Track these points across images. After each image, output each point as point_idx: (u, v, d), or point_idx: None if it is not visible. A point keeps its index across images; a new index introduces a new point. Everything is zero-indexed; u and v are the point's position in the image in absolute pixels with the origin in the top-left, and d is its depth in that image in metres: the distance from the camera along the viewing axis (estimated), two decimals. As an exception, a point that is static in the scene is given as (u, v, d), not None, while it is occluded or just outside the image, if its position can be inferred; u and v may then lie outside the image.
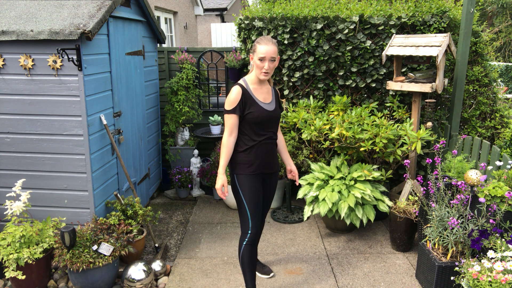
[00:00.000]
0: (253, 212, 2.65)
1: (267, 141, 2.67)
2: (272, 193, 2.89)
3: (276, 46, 2.54)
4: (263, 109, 2.59)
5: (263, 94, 2.65)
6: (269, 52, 2.49)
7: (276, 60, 2.55)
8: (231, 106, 2.54)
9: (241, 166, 2.65)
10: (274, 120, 2.68)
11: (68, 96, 2.99)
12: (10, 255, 2.78)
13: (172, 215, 4.32)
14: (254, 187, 2.67)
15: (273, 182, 2.86)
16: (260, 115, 2.57)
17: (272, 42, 2.52)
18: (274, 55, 2.52)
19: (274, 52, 2.51)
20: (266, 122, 2.61)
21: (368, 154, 4.00)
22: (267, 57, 2.50)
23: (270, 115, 2.63)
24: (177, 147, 4.83)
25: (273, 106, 2.68)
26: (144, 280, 2.95)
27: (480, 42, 4.58)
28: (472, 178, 2.85)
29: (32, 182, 3.14)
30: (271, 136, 2.69)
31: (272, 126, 2.68)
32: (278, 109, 2.72)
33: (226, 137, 2.57)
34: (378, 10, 4.10)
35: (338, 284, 3.08)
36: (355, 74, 4.26)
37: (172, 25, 10.54)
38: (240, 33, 4.42)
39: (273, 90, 2.77)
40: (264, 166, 2.69)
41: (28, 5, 3.21)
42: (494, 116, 4.68)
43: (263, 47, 2.49)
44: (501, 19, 15.58)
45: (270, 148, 2.71)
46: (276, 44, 2.54)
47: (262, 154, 2.66)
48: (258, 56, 2.50)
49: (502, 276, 2.27)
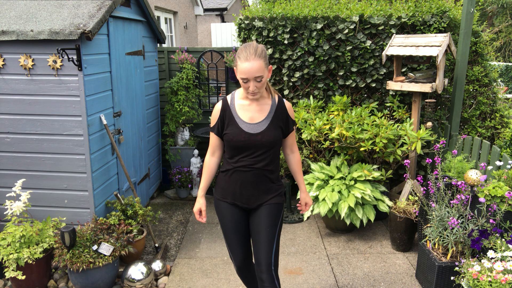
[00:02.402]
0: (230, 244, 2.27)
1: (244, 169, 2.14)
2: (263, 227, 2.19)
3: (262, 59, 1.97)
4: (242, 131, 2.09)
5: (252, 111, 2.13)
6: (252, 71, 1.94)
7: (264, 77, 2.00)
8: (212, 123, 2.21)
9: (218, 189, 2.28)
10: (258, 145, 2.09)
11: (68, 96, 2.99)
12: (10, 255, 2.78)
13: (172, 215, 4.32)
14: (231, 216, 2.24)
15: (264, 215, 2.21)
16: (235, 138, 2.09)
17: (255, 55, 1.95)
18: (259, 73, 1.96)
19: (258, 69, 1.95)
20: (243, 147, 2.10)
21: (368, 154, 4.00)
22: (250, 78, 1.97)
23: (250, 139, 2.08)
24: (177, 147, 4.83)
25: (262, 127, 2.10)
26: (144, 280, 2.95)
27: (480, 42, 4.58)
28: (472, 178, 2.85)
29: (32, 182, 3.14)
30: (253, 164, 2.12)
31: (255, 151, 2.11)
32: (271, 131, 2.11)
33: (207, 156, 2.27)
34: (378, 10, 4.10)
35: (338, 284, 3.08)
36: (355, 74, 4.26)
37: (172, 25, 10.54)
38: (240, 33, 4.42)
39: (275, 105, 2.17)
40: (238, 199, 2.21)
41: (28, 5, 3.21)
42: (494, 116, 4.68)
43: (244, 65, 1.95)
44: (501, 19, 15.58)
45: (248, 179, 2.15)
46: (262, 55, 1.97)
47: (236, 184, 2.18)
48: (241, 77, 1.99)
49: (502, 276, 2.27)
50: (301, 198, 2.40)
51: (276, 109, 2.16)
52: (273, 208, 2.21)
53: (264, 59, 1.98)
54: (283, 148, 2.34)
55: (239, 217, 2.25)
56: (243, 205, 2.22)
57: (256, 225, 2.21)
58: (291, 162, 2.36)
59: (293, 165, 2.36)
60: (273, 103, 2.17)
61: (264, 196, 2.20)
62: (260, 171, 2.15)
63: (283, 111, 2.18)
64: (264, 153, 2.13)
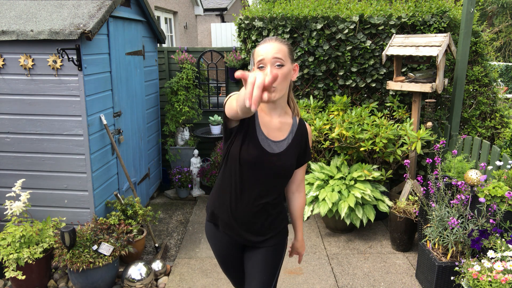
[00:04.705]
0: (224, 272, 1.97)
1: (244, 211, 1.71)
2: (257, 273, 1.78)
3: (286, 46, 1.58)
4: (260, 148, 1.62)
5: (271, 128, 1.66)
6: (270, 50, 1.53)
7: (286, 67, 1.55)
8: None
9: (209, 210, 1.84)
10: (270, 169, 1.64)
11: (68, 96, 2.99)
12: (10, 255, 2.78)
13: (172, 215, 4.32)
14: (222, 250, 1.85)
15: (260, 261, 1.79)
16: (251, 153, 1.61)
17: (276, 39, 1.59)
18: (280, 54, 1.54)
19: (279, 50, 1.54)
20: (251, 166, 1.64)
21: (368, 154, 4.00)
22: (267, 59, 1.53)
23: (264, 158, 1.63)
24: (177, 147, 4.83)
25: (280, 148, 1.67)
26: (144, 280, 2.95)
27: (480, 42, 4.58)
28: (472, 178, 2.85)
29: (32, 182, 3.14)
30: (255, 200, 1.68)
31: (263, 178, 1.65)
32: (289, 156, 1.67)
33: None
34: (378, 10, 4.10)
35: (338, 284, 3.08)
36: (355, 74, 4.26)
37: (172, 25, 10.54)
38: (240, 33, 4.42)
39: (296, 126, 1.73)
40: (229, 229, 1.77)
41: (28, 5, 3.21)
42: (494, 116, 4.68)
43: (261, 47, 1.57)
44: (501, 19, 15.58)
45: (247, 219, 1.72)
46: (285, 43, 1.60)
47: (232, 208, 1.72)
48: (256, 61, 1.57)
49: (502, 276, 2.27)
50: (294, 246, 1.96)
51: (296, 130, 1.72)
52: (273, 252, 1.80)
53: (287, 46, 1.60)
54: (289, 184, 1.84)
55: (236, 256, 1.86)
56: (238, 239, 1.79)
57: (250, 268, 1.80)
58: (295, 203, 1.86)
59: (297, 209, 1.87)
60: (294, 122, 1.73)
61: (262, 234, 1.77)
62: (263, 208, 1.71)
63: (304, 136, 1.75)
64: (272, 183, 1.68)
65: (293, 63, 1.62)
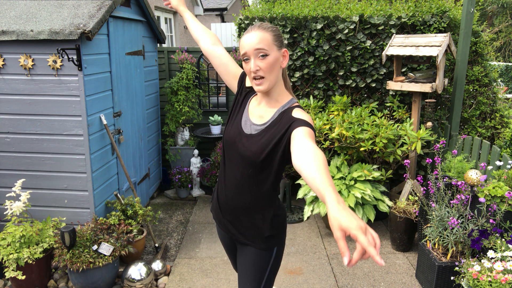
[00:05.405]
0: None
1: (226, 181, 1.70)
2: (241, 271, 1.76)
3: (268, 32, 1.50)
4: (236, 125, 1.64)
5: (256, 112, 1.63)
6: (251, 42, 1.47)
7: (271, 56, 1.49)
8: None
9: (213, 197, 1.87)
10: (241, 152, 1.59)
11: (68, 96, 2.99)
12: (10, 255, 2.78)
13: (172, 215, 4.32)
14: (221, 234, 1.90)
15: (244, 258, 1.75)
16: (227, 129, 1.67)
17: (259, 27, 1.51)
18: (262, 44, 1.47)
19: (261, 40, 1.47)
20: (228, 145, 1.65)
21: (368, 154, 4.00)
22: (249, 52, 1.48)
23: (236, 140, 1.61)
24: (177, 147, 4.83)
25: (256, 131, 1.59)
26: (144, 280, 2.95)
27: (480, 42, 4.58)
28: (472, 178, 2.85)
29: (32, 182, 3.14)
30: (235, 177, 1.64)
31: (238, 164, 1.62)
32: (258, 144, 1.55)
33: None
34: (378, 10, 4.10)
35: (338, 284, 3.08)
36: (355, 74, 4.26)
37: (172, 25, 10.54)
38: (240, 33, 4.42)
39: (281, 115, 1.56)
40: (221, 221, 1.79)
41: (28, 5, 3.21)
42: (494, 116, 4.68)
43: (244, 38, 1.52)
44: (501, 19, 15.58)
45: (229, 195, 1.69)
46: (268, 29, 1.51)
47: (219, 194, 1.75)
48: (241, 54, 1.53)
49: (502, 276, 2.27)
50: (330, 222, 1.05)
51: (277, 119, 1.56)
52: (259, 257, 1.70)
53: (272, 32, 1.50)
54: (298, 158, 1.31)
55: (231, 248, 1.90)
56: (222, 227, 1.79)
57: (239, 271, 1.78)
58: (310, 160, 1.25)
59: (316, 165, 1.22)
60: (280, 108, 1.59)
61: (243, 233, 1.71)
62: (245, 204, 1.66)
63: (284, 124, 1.51)
64: (245, 170, 1.61)
65: (281, 49, 1.54)
